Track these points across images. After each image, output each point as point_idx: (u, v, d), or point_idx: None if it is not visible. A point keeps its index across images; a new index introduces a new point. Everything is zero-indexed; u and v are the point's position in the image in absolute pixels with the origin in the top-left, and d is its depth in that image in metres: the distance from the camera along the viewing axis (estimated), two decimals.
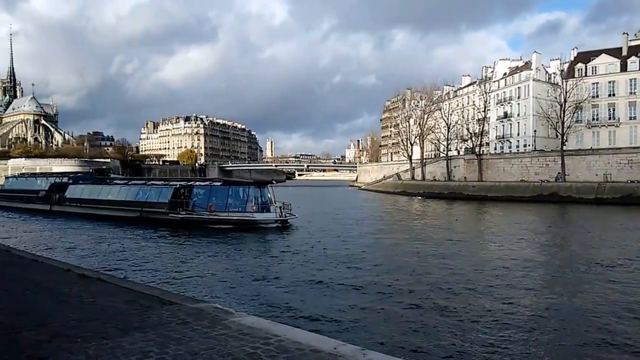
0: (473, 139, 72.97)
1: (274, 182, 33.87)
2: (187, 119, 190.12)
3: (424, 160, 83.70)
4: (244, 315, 6.41)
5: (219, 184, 30.52)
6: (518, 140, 78.47)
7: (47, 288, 8.03)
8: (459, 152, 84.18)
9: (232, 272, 16.05)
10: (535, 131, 73.46)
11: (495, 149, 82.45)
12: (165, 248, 21.81)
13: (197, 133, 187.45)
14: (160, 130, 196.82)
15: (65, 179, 42.38)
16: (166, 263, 17.96)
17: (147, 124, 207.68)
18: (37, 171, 72.05)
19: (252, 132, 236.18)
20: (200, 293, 12.80)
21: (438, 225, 32.21)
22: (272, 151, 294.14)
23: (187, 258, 19.01)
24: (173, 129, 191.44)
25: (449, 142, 78.42)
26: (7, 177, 55.30)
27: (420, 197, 62.70)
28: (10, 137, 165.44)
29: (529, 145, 74.11)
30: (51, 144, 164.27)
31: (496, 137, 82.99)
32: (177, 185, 30.58)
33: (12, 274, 9.41)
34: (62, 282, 8.49)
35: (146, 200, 31.19)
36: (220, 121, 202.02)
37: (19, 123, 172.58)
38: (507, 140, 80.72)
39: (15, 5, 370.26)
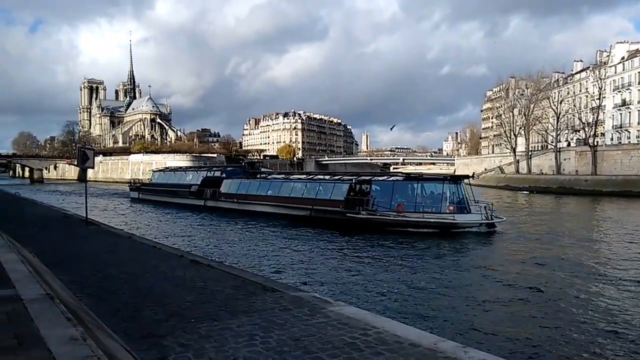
0: (586, 129, 67.16)
1: (475, 174, 29.18)
2: (285, 115, 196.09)
3: (530, 153, 78.56)
4: (343, 305, 6.54)
5: (401, 178, 26.27)
6: (638, 130, 70.92)
7: (164, 272, 8.76)
8: (569, 143, 77.95)
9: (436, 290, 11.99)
10: None
11: (612, 139, 75.21)
12: (338, 253, 17.42)
13: (294, 128, 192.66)
14: (260, 126, 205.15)
15: (217, 173, 39.96)
16: (345, 273, 13.90)
17: (249, 120, 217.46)
18: (154, 166, 77.33)
19: (348, 127, 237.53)
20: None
21: None
22: (367, 145, 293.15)
23: (366, 270, 14.42)
24: (273, 124, 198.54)
25: (559, 132, 72.79)
26: (153, 171, 53.65)
27: (525, 192, 59.05)
28: (130, 134, 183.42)
29: None
30: (165, 141, 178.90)
31: (612, 126, 75.70)
32: (353, 181, 27.04)
33: (135, 258, 10.41)
34: (177, 266, 9.24)
35: (316, 197, 27.78)
36: (317, 116, 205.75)
37: (137, 122, 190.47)
38: (626, 130, 73.26)
39: (143, 13, 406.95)
